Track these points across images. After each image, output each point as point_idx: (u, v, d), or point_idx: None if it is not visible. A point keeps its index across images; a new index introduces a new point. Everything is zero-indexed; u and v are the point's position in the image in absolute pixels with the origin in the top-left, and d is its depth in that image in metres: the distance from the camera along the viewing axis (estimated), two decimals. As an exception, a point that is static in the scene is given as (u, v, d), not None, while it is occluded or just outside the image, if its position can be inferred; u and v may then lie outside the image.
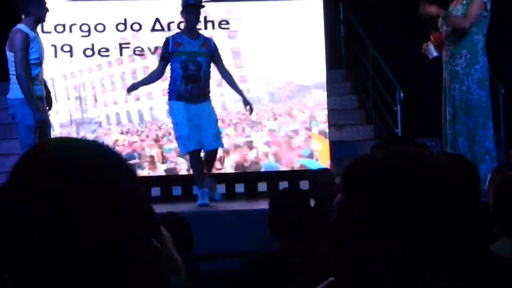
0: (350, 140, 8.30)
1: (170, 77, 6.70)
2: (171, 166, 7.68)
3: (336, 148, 7.90)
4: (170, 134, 7.56)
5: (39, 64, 6.19)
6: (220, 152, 7.45)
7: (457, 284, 1.34)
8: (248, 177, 7.86)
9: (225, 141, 7.53)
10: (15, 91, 6.10)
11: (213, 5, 7.70)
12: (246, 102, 6.78)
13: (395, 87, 7.87)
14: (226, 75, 6.85)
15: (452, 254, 1.33)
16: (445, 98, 6.67)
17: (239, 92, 6.85)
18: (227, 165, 7.78)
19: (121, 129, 7.73)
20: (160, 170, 7.65)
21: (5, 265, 1.00)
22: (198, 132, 6.62)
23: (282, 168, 7.75)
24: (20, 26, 6.14)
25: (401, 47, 8.39)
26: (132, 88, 6.73)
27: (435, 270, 1.31)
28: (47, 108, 6.38)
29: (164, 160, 7.65)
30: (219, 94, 7.64)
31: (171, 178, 7.68)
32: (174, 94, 6.65)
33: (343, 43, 8.93)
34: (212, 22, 7.70)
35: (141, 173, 7.54)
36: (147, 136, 7.75)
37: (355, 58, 8.73)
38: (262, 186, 7.87)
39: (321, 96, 7.88)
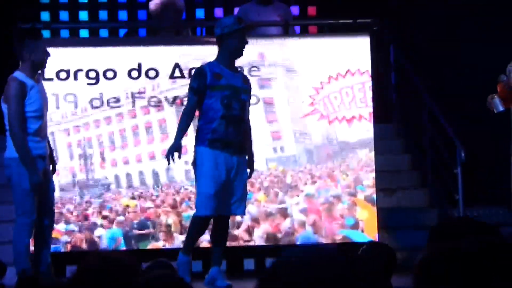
0: (403, 207, 7.92)
1: (204, 115, 5.96)
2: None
3: (385, 216, 7.50)
4: (189, 199, 7.12)
5: (40, 117, 5.90)
6: (248, 221, 7.09)
7: None
8: (282, 251, 7.21)
9: (254, 208, 7.17)
10: (11, 149, 5.88)
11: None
12: (250, 166, 6.21)
13: (456, 146, 7.51)
14: (247, 127, 6.20)
15: None
16: None
17: (250, 152, 6.26)
18: (257, 237, 7.31)
19: (133, 193, 7.31)
20: (178, 241, 7.09)
21: None
22: (225, 193, 6.01)
23: (322, 240, 7.31)
24: (16, 74, 5.92)
25: (463, 99, 8.21)
26: (173, 150, 5.90)
27: None
28: (51, 169, 6.12)
29: (182, 229, 7.12)
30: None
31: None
32: (207, 138, 5.92)
33: (394, 92, 8.60)
34: (241, 67, 7.11)
35: (156, 245, 7.10)
36: (163, 202, 7.28)
37: (408, 110, 8.43)
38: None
39: (368, 155, 7.51)
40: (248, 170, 6.20)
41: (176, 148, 5.86)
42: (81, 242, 7.00)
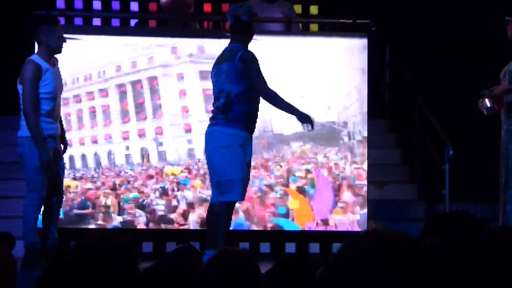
0: (391, 200, 7.93)
1: (242, 101, 5.70)
2: (128, 218, 7.20)
3: (374, 208, 7.53)
4: (129, 182, 7.19)
5: (53, 99, 5.99)
6: (184, 206, 7.14)
7: None
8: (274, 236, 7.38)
9: (190, 194, 7.20)
10: (24, 128, 5.94)
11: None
12: None
13: (444, 143, 7.52)
14: None
15: None
16: (501, 159, 6.36)
17: None
18: (192, 221, 7.29)
19: (75, 174, 7.30)
20: (116, 222, 7.19)
21: None
22: None
23: (253, 227, 7.31)
24: (33, 57, 6.02)
25: (453, 99, 8.28)
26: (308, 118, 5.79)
27: None
28: (63, 149, 6.20)
29: (121, 211, 7.19)
30: (186, 140, 7.26)
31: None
32: (245, 122, 5.69)
33: (387, 90, 8.63)
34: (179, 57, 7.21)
35: (95, 224, 7.16)
36: (103, 184, 7.29)
37: (401, 108, 8.47)
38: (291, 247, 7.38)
39: (302, 148, 7.52)
40: None
41: (308, 116, 5.77)
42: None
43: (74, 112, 7.30)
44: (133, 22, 8.17)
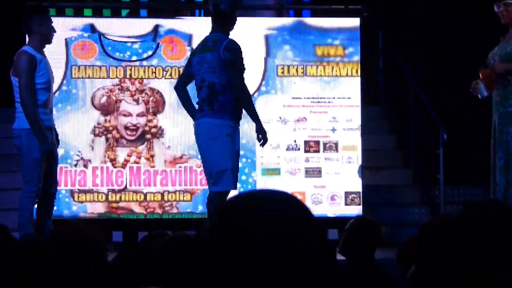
0: (386, 185, 7.91)
1: (227, 91, 5.55)
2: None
3: (370, 193, 7.49)
4: None
5: (48, 89, 5.92)
6: None
7: None
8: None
9: None
10: (21, 120, 5.86)
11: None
12: None
13: (438, 128, 7.51)
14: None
15: None
16: (495, 142, 6.27)
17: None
18: None
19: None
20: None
21: None
22: None
23: None
24: (25, 48, 5.94)
25: (447, 84, 8.27)
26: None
27: None
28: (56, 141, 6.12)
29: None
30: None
31: None
32: (231, 111, 5.55)
33: (381, 76, 8.60)
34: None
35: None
36: None
37: (395, 93, 8.47)
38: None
39: None
40: None
41: (265, 132, 5.66)
42: None
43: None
44: (124, 12, 8.06)
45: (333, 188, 7.29)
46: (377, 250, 4.00)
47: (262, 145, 5.73)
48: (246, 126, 6.61)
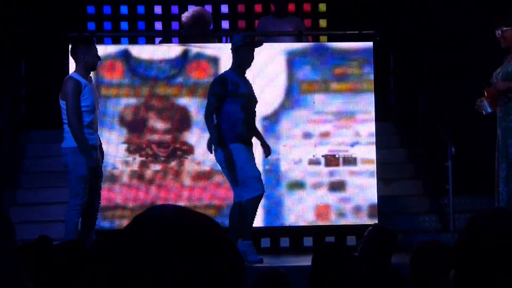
0: (398, 195, 8.09)
1: (226, 117, 6.32)
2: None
3: (383, 203, 7.69)
4: None
5: (92, 111, 6.27)
6: None
7: None
8: (293, 231, 7.61)
9: None
10: (68, 140, 6.20)
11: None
12: (265, 147, 6.60)
13: (447, 142, 7.70)
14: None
15: None
16: (499, 154, 6.45)
17: (261, 136, 6.68)
18: None
19: None
20: None
21: None
22: None
23: None
24: (72, 74, 6.33)
25: (453, 102, 8.35)
26: (215, 143, 6.28)
27: None
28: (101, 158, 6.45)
29: None
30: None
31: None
32: (234, 137, 6.30)
33: (392, 94, 8.79)
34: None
35: None
36: None
37: (405, 110, 8.62)
38: (308, 241, 7.59)
39: None
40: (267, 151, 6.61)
41: (218, 139, 6.24)
42: None
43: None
44: (157, 40, 8.37)
45: (356, 200, 7.54)
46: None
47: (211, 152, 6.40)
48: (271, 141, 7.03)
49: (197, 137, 7.40)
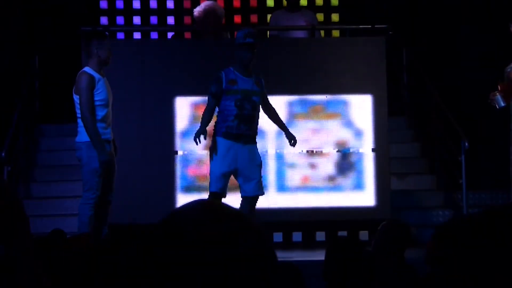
0: (412, 190, 8.08)
1: (220, 113, 6.44)
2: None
3: (397, 198, 7.68)
4: None
5: (105, 105, 6.28)
6: None
7: None
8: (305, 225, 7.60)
9: None
10: (82, 134, 6.21)
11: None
12: (290, 136, 6.57)
13: (460, 137, 7.68)
14: (271, 111, 6.68)
15: None
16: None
17: (284, 126, 6.67)
18: None
19: None
20: None
21: None
22: (236, 177, 6.40)
23: None
24: (85, 69, 6.31)
25: (467, 96, 8.40)
26: (199, 134, 6.32)
27: None
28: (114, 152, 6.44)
29: None
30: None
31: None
32: (222, 132, 6.39)
33: (406, 89, 8.77)
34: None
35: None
36: None
37: (419, 105, 8.61)
38: (321, 236, 7.60)
39: None
40: (292, 141, 6.55)
41: (201, 132, 6.30)
42: None
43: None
44: (169, 34, 8.38)
45: (369, 194, 7.50)
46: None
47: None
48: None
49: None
